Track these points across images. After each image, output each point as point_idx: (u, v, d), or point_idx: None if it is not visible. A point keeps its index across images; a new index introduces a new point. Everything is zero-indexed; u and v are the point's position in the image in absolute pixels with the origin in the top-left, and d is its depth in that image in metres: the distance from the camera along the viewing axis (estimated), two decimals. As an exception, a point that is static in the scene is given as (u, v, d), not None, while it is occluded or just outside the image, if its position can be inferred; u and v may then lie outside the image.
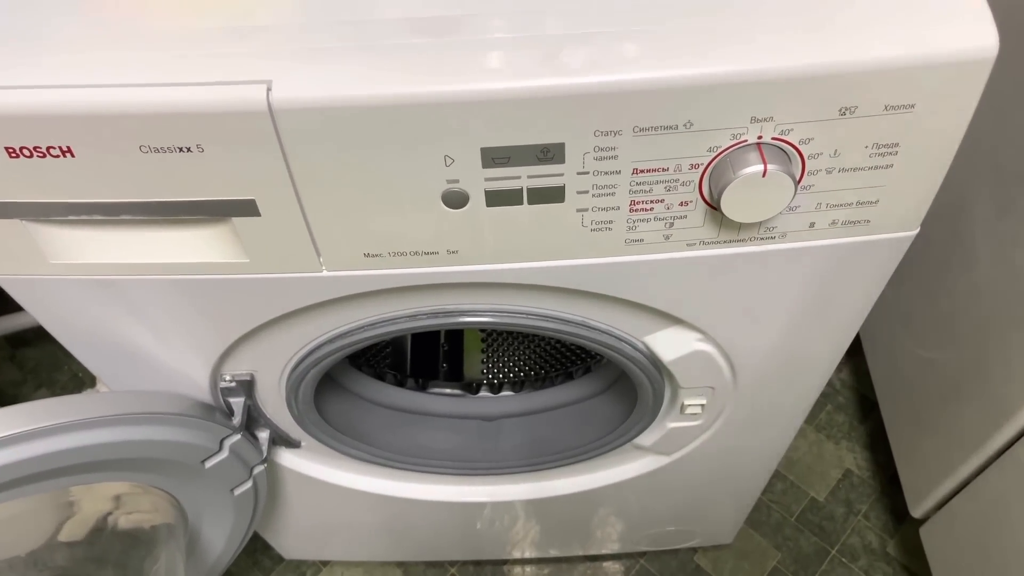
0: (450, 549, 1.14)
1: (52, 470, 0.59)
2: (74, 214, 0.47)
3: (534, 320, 0.60)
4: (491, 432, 0.89)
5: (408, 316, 0.59)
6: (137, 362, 0.64)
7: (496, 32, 0.43)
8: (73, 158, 0.44)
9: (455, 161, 0.45)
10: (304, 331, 0.61)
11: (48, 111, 0.42)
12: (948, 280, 0.99)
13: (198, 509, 0.77)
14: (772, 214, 0.47)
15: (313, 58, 0.42)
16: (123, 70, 0.42)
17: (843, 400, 1.34)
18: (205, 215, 0.48)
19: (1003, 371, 0.86)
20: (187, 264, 0.52)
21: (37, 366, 1.42)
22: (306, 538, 1.09)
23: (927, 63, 0.41)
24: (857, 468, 1.27)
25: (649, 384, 0.68)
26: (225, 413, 0.70)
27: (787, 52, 0.41)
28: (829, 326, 0.63)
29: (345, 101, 0.41)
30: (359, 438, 0.82)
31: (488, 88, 0.41)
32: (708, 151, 0.45)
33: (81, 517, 0.69)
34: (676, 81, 0.41)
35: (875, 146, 0.45)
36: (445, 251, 0.51)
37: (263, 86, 0.41)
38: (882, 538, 1.20)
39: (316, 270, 0.52)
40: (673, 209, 0.49)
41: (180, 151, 0.43)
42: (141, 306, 0.56)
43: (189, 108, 0.41)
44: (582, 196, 0.47)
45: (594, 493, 0.92)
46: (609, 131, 0.43)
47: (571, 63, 0.41)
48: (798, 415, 0.79)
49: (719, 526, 1.10)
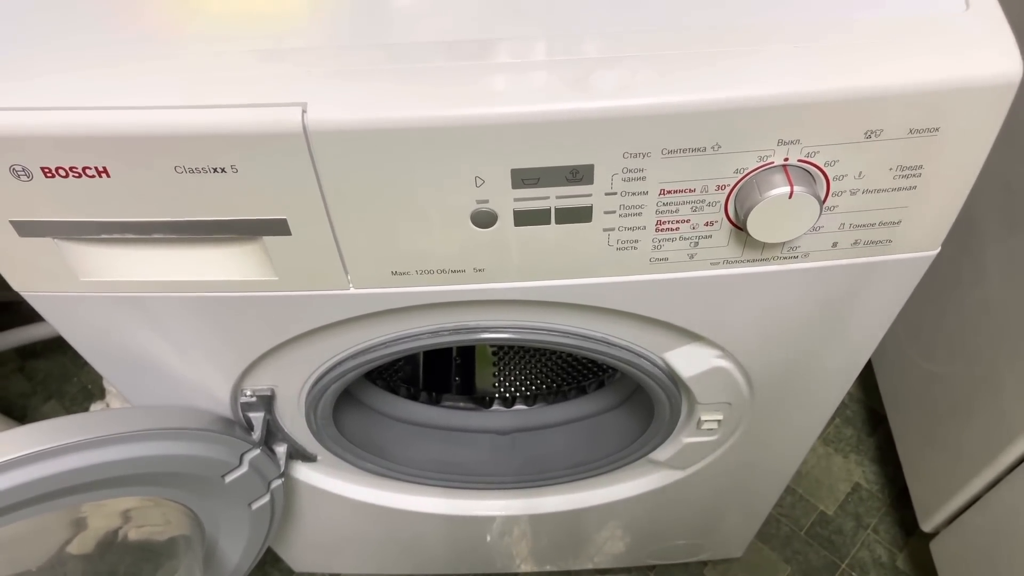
0: (460, 562, 1.14)
1: (73, 486, 0.60)
2: (107, 233, 0.48)
3: (555, 336, 0.60)
4: (505, 446, 0.89)
5: (431, 332, 0.60)
6: (159, 377, 0.64)
7: (528, 55, 0.43)
8: (108, 178, 0.44)
9: (485, 182, 0.45)
10: (326, 347, 0.61)
11: (86, 132, 0.42)
12: (957, 295, 0.99)
13: (215, 522, 0.77)
14: (797, 235, 0.47)
15: (348, 80, 0.43)
16: (160, 92, 0.43)
17: (851, 413, 1.35)
18: (236, 234, 0.48)
19: (1014, 386, 0.86)
20: (216, 282, 0.52)
21: (47, 378, 1.42)
22: (317, 550, 1.10)
23: (952, 88, 0.42)
24: (866, 482, 1.28)
25: (667, 399, 0.68)
26: (245, 428, 0.70)
27: (815, 77, 0.42)
28: (847, 344, 0.63)
29: (379, 123, 0.42)
30: (375, 452, 0.82)
31: (520, 111, 0.42)
32: (735, 172, 0.45)
33: (90, 532, 0.69)
34: (705, 105, 0.42)
35: (899, 168, 0.46)
36: (472, 269, 0.51)
37: (298, 108, 0.42)
38: (892, 552, 1.21)
39: (343, 288, 0.53)
40: (699, 229, 0.49)
41: (214, 172, 0.44)
42: (167, 323, 0.57)
43: (225, 130, 0.42)
44: (609, 216, 0.48)
45: (606, 508, 0.93)
46: (638, 153, 0.44)
47: (602, 86, 0.42)
48: (813, 431, 0.79)
49: (729, 540, 1.10)
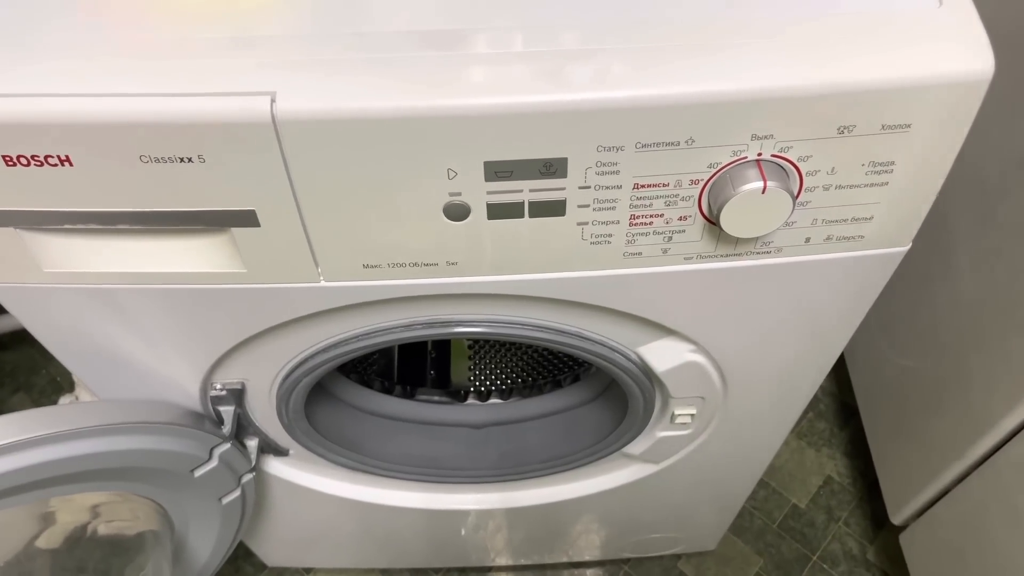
0: (434, 556, 1.14)
1: (38, 481, 0.59)
2: (71, 223, 0.47)
3: (529, 331, 0.60)
4: (478, 440, 0.89)
5: (404, 326, 0.59)
6: (127, 370, 0.63)
7: (501, 47, 0.43)
8: (71, 167, 0.43)
9: (458, 174, 0.45)
10: (298, 340, 0.61)
11: (48, 120, 0.41)
12: (929, 290, 1.00)
13: (185, 517, 0.76)
14: (770, 230, 0.47)
15: (318, 69, 0.42)
16: (125, 79, 0.42)
17: (824, 407, 1.36)
18: (204, 225, 0.47)
19: (983, 381, 0.87)
20: (183, 274, 0.52)
21: (15, 370, 1.40)
22: (290, 545, 1.09)
23: (925, 84, 0.42)
24: (838, 475, 1.29)
25: (640, 394, 0.68)
26: (215, 422, 0.70)
27: (789, 72, 0.42)
28: (819, 339, 0.64)
29: (350, 113, 0.41)
30: (347, 446, 0.81)
31: (493, 103, 0.41)
32: (708, 167, 0.45)
33: (59, 527, 0.68)
34: (680, 99, 0.42)
35: (871, 164, 0.46)
36: (444, 263, 0.51)
37: (267, 97, 0.41)
38: (862, 544, 1.22)
39: (314, 280, 0.52)
40: (672, 223, 0.49)
41: (181, 161, 0.43)
42: (134, 315, 0.56)
43: (192, 118, 0.41)
44: (583, 210, 0.48)
45: (581, 501, 0.93)
46: (612, 147, 0.44)
47: (576, 79, 0.42)
48: (786, 425, 0.80)
49: (703, 533, 1.11)
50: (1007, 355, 0.83)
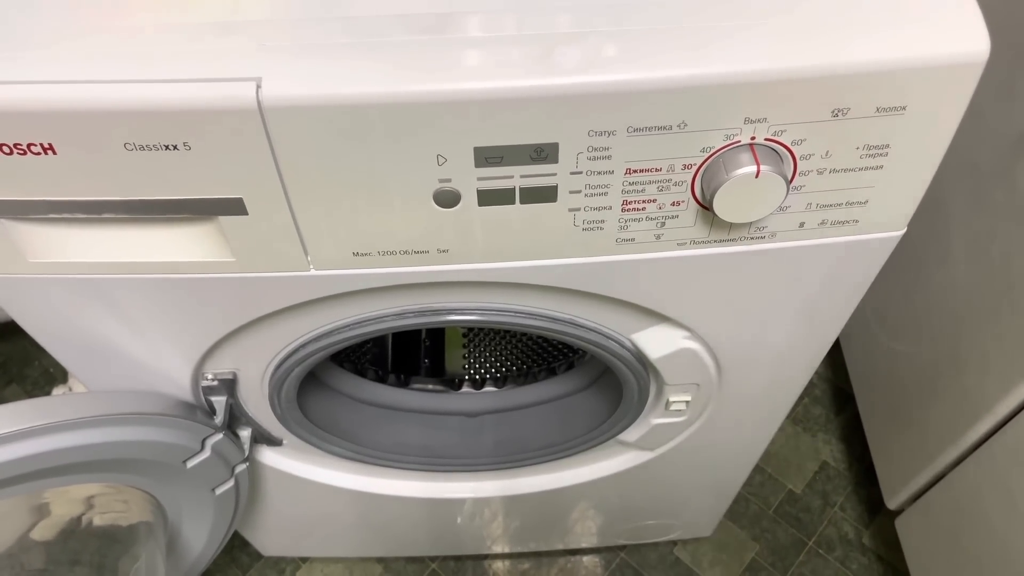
0: (431, 544, 1.14)
1: (31, 472, 0.58)
2: (55, 212, 0.46)
3: (522, 318, 0.59)
4: (473, 428, 0.89)
5: (396, 314, 0.59)
6: (117, 361, 0.63)
7: (490, 31, 0.42)
8: (55, 155, 0.43)
9: (447, 160, 0.44)
10: (289, 329, 0.60)
11: (30, 107, 0.40)
12: (924, 275, 1.00)
13: (178, 508, 0.76)
14: (764, 214, 0.47)
15: (304, 55, 0.41)
16: (108, 65, 0.41)
17: (820, 393, 1.36)
18: (191, 214, 0.47)
19: (978, 365, 0.87)
20: (171, 263, 0.51)
21: (7, 361, 1.39)
22: (285, 535, 1.09)
23: (919, 66, 0.41)
24: (833, 460, 1.29)
25: (635, 381, 0.68)
26: (207, 412, 0.69)
27: (782, 54, 0.41)
28: (814, 324, 0.63)
29: (337, 99, 0.41)
30: (341, 435, 0.81)
31: (481, 87, 0.41)
32: (701, 151, 0.45)
33: (53, 519, 0.67)
34: (671, 82, 0.41)
35: (866, 147, 0.46)
36: (435, 250, 0.50)
37: (253, 83, 0.40)
38: (858, 529, 1.22)
39: (303, 269, 0.52)
40: (665, 209, 0.48)
41: (166, 149, 0.42)
42: (122, 305, 0.55)
43: (176, 105, 0.40)
44: (575, 196, 0.47)
45: (576, 489, 0.93)
46: (603, 131, 0.43)
47: (566, 63, 0.41)
48: (781, 411, 0.79)
49: (699, 519, 1.11)
50: (1001, 339, 0.83)
